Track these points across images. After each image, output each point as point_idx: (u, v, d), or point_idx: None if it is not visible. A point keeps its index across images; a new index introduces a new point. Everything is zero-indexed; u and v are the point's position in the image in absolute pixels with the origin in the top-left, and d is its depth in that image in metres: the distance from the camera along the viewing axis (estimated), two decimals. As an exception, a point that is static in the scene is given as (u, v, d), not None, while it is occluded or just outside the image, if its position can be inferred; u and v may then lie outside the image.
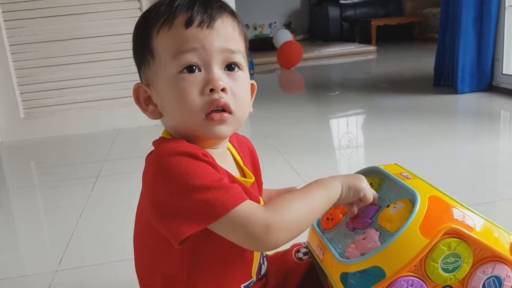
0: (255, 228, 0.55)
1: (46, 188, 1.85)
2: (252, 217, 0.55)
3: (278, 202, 0.59)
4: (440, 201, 0.63)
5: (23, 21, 2.44)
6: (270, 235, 0.56)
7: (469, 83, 2.66)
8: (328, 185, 0.64)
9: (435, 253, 0.59)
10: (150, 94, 0.64)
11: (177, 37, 0.60)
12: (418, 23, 6.31)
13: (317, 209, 0.62)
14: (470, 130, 2.13)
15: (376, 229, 0.65)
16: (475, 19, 2.59)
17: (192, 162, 0.56)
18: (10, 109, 2.50)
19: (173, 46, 0.60)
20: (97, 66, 2.52)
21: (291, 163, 1.75)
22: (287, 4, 7.72)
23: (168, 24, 0.60)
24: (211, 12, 0.61)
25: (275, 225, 0.56)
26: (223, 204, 0.55)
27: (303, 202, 0.61)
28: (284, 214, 0.58)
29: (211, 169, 0.58)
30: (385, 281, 0.59)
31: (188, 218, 0.55)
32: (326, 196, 0.63)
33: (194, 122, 0.61)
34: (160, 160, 0.58)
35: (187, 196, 0.55)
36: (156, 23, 0.61)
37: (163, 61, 0.61)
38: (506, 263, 0.63)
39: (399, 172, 0.72)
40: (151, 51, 0.62)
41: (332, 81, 4.15)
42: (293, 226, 0.58)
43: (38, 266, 1.17)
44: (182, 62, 0.59)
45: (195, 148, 0.59)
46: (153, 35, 0.61)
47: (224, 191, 0.55)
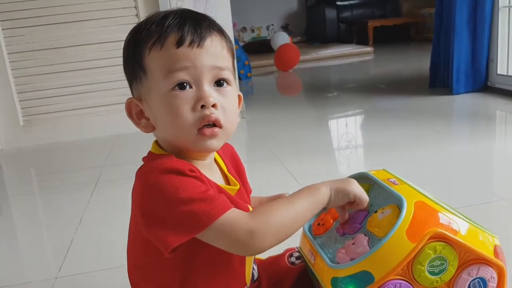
0: (240, 234, 0.58)
1: (45, 194, 1.87)
2: (236, 224, 0.58)
3: (262, 208, 0.62)
4: (426, 206, 0.65)
5: (21, 30, 2.46)
6: (255, 240, 0.58)
7: (464, 83, 2.68)
8: (315, 190, 0.66)
9: (421, 257, 0.61)
10: (142, 109, 0.66)
11: (169, 56, 0.62)
12: (415, 24, 6.33)
13: (303, 213, 0.64)
14: (465, 131, 2.15)
15: (365, 234, 0.67)
16: (469, 20, 2.61)
17: (179, 178, 0.59)
18: (10, 116, 2.52)
19: (165, 64, 0.62)
20: (95, 73, 2.54)
21: (287, 167, 1.77)
22: (284, 6, 7.75)
23: (160, 43, 0.62)
24: (201, 31, 0.63)
25: (259, 230, 0.58)
26: (208, 214, 0.57)
27: (287, 207, 0.63)
28: (267, 219, 0.60)
29: (197, 182, 0.60)
30: (373, 285, 0.61)
31: (175, 228, 0.58)
32: (312, 200, 0.65)
33: (187, 137, 0.63)
34: (148, 178, 0.61)
35: (174, 208, 0.58)
36: (148, 41, 0.63)
37: (156, 78, 0.63)
38: (491, 265, 0.65)
39: (387, 178, 0.74)
40: (143, 68, 0.64)
41: (329, 83, 4.17)
42: (278, 231, 0.60)
43: (38, 273, 1.19)
44: (174, 80, 0.62)
45: (182, 164, 0.61)
46: (145, 53, 0.63)
47: (209, 202, 0.58)
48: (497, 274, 0.65)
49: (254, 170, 1.87)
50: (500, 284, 0.66)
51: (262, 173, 1.80)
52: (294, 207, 0.63)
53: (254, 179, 1.76)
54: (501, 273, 0.66)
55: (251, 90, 3.87)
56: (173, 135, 0.64)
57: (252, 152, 2.10)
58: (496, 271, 0.65)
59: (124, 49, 0.68)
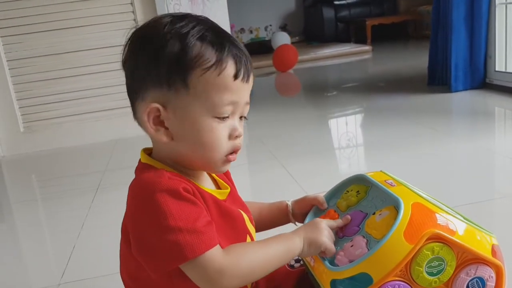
0: (210, 272, 0.59)
1: (47, 200, 1.88)
2: (210, 263, 0.59)
3: (238, 250, 0.63)
4: (423, 207, 0.65)
5: (20, 37, 2.47)
6: (223, 280, 0.60)
7: (463, 81, 2.68)
8: (288, 240, 0.67)
9: (420, 258, 0.62)
10: (165, 117, 0.64)
11: (225, 87, 0.63)
12: (413, 21, 6.33)
13: (274, 261, 0.65)
14: (464, 129, 2.16)
15: (363, 236, 0.67)
16: (466, 17, 2.61)
17: (171, 202, 0.59)
18: (10, 123, 2.53)
19: (219, 94, 0.63)
20: (94, 78, 2.55)
21: (287, 168, 1.78)
22: (282, 6, 7.75)
23: (218, 71, 0.62)
24: (250, 66, 0.66)
25: (229, 271, 0.60)
26: (192, 248, 0.58)
27: (261, 253, 0.64)
28: (239, 262, 0.62)
29: (188, 208, 0.60)
30: (372, 287, 0.61)
31: (159, 259, 0.59)
32: (285, 250, 0.66)
33: (216, 161, 0.66)
34: (142, 196, 0.61)
35: (161, 236, 0.59)
36: (202, 63, 0.62)
37: (202, 100, 0.63)
38: (489, 264, 0.65)
39: (384, 180, 0.74)
40: (187, 84, 0.62)
41: (328, 83, 4.18)
42: (247, 274, 0.63)
43: (41, 279, 1.20)
44: (222, 111, 0.64)
45: (177, 183, 0.61)
46: (195, 73, 0.62)
47: (196, 235, 0.59)
48: (495, 274, 0.66)
49: (254, 172, 1.88)
50: (498, 283, 0.66)
51: (262, 174, 1.81)
52: (267, 254, 0.65)
53: (254, 181, 1.78)
54: (499, 272, 0.66)
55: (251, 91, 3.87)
56: (199, 154, 0.65)
57: (251, 153, 2.11)
58: (494, 270, 0.65)
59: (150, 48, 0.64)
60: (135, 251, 0.62)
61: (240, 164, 1.95)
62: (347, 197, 0.77)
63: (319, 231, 0.69)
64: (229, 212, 0.68)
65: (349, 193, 0.77)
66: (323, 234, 0.69)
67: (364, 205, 0.73)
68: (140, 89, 0.65)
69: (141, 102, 0.65)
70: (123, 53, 0.67)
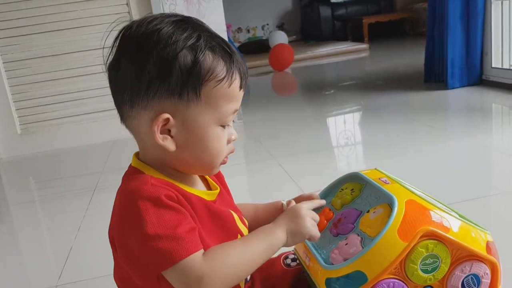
0: (191, 278, 0.59)
1: (44, 202, 1.87)
2: (188, 269, 0.59)
3: (217, 253, 0.62)
4: (417, 204, 0.65)
5: (16, 38, 2.47)
6: (203, 285, 0.59)
7: (459, 78, 2.68)
8: (270, 235, 0.66)
9: (414, 255, 0.62)
10: (172, 127, 0.64)
11: (233, 98, 0.66)
12: (409, 19, 6.34)
13: (257, 258, 0.65)
14: (461, 125, 2.16)
15: (357, 234, 0.67)
16: (462, 14, 2.62)
17: (152, 209, 0.59)
18: (7, 125, 2.52)
19: (228, 103, 0.65)
20: (91, 79, 2.54)
21: (284, 167, 1.78)
22: (279, 5, 7.75)
23: (228, 83, 0.64)
24: (247, 73, 0.69)
25: (208, 277, 0.59)
26: (171, 255, 0.58)
27: (242, 252, 0.63)
28: (219, 265, 0.61)
29: (169, 215, 0.60)
30: (367, 285, 0.61)
31: (141, 267, 0.60)
32: (267, 246, 0.65)
33: (216, 165, 0.69)
34: (124, 203, 0.63)
35: (142, 243, 0.59)
36: (215, 76, 0.63)
37: (212, 109, 0.64)
38: (483, 261, 0.65)
39: (379, 177, 0.74)
40: (199, 94, 0.63)
41: (326, 81, 4.18)
42: (229, 277, 0.62)
43: (39, 281, 1.20)
44: (227, 120, 0.67)
45: (159, 190, 0.61)
46: (209, 85, 0.63)
47: (176, 241, 0.59)
48: (490, 270, 0.66)
49: (251, 171, 1.88)
50: (493, 280, 0.66)
51: (259, 173, 1.81)
52: (249, 253, 0.64)
53: (251, 180, 1.78)
54: (494, 269, 0.66)
55: (247, 90, 3.87)
56: (201, 160, 0.67)
57: (249, 153, 2.11)
58: (489, 267, 0.66)
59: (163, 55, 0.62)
60: (121, 259, 0.63)
61: (237, 163, 1.96)
62: (341, 195, 0.77)
63: (301, 219, 0.68)
64: (218, 213, 0.68)
65: (344, 191, 0.78)
66: (306, 221, 0.68)
67: (359, 203, 0.73)
68: (140, 97, 0.63)
69: (141, 110, 0.63)
70: (109, 56, 0.65)
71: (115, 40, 0.66)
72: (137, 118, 0.65)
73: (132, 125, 0.66)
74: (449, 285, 0.65)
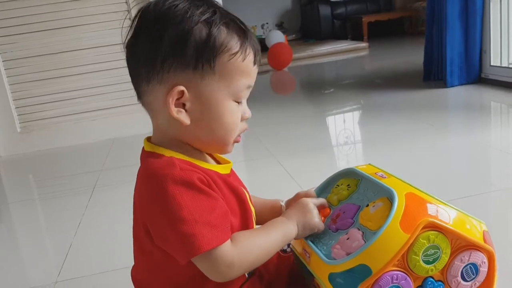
0: (221, 266, 0.62)
1: (44, 200, 1.88)
2: (221, 257, 0.62)
3: (244, 241, 0.65)
4: (416, 197, 0.66)
5: (15, 37, 2.47)
6: (231, 271, 0.63)
7: (458, 76, 2.69)
8: (285, 227, 0.70)
9: (416, 247, 0.62)
10: (187, 100, 0.65)
11: (248, 72, 0.68)
12: (409, 18, 6.34)
13: (274, 248, 0.69)
14: (460, 123, 2.16)
15: (358, 228, 0.67)
16: (460, 12, 2.62)
17: (186, 194, 0.61)
18: (7, 123, 2.53)
19: (242, 78, 0.67)
20: (90, 78, 2.55)
21: (284, 165, 1.78)
22: (279, 4, 7.75)
23: (242, 57, 0.66)
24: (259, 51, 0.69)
25: (237, 263, 0.63)
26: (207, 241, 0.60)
27: (263, 241, 0.68)
28: (247, 253, 0.65)
29: (204, 199, 0.62)
30: (371, 278, 0.62)
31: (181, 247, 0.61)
32: (283, 237, 0.70)
33: (229, 141, 0.69)
34: (157, 188, 0.62)
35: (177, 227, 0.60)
36: (229, 49, 0.65)
37: (226, 83, 0.66)
38: (481, 250, 0.66)
39: (374, 172, 0.75)
40: (213, 67, 0.64)
41: (325, 80, 4.18)
42: (251, 264, 0.67)
43: (38, 277, 1.20)
44: (241, 95, 0.68)
45: (189, 173, 0.62)
46: (223, 58, 0.64)
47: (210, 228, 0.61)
48: (487, 259, 0.67)
49: (251, 169, 1.89)
50: (490, 268, 0.68)
51: (258, 172, 1.81)
52: (269, 242, 0.68)
53: (251, 178, 1.78)
54: (491, 258, 0.67)
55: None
56: (215, 135, 0.68)
57: (248, 151, 2.11)
58: (486, 256, 0.67)
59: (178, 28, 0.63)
60: (159, 242, 0.64)
61: (237, 161, 1.95)
62: (337, 191, 0.78)
63: (310, 213, 0.72)
64: (235, 189, 0.70)
65: (340, 187, 0.78)
66: (314, 216, 0.72)
67: (356, 198, 0.73)
68: (156, 72, 0.64)
69: (157, 84, 0.65)
70: (128, 35, 0.67)
71: (133, 20, 0.67)
72: (153, 94, 0.66)
73: (148, 100, 0.67)
74: (449, 275, 0.66)
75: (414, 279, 0.64)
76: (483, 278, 0.68)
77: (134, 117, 2.36)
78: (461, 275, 0.66)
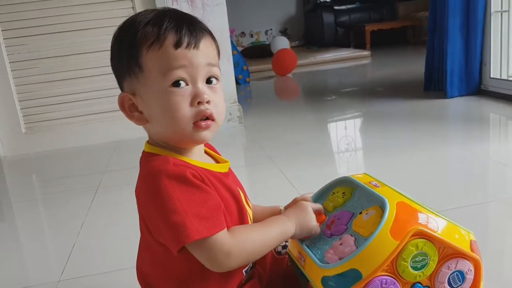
0: (218, 254, 0.65)
1: (47, 200, 1.90)
2: (218, 246, 0.65)
3: (242, 232, 0.69)
4: (407, 206, 0.69)
5: (23, 39, 2.51)
6: (229, 261, 0.66)
7: (458, 87, 2.72)
8: (284, 225, 0.74)
9: (405, 253, 0.65)
10: (135, 103, 0.71)
11: (167, 56, 0.67)
12: (411, 27, 6.38)
13: (271, 243, 0.72)
14: (459, 134, 2.18)
15: (351, 234, 0.71)
16: (461, 24, 2.65)
17: (178, 188, 0.64)
18: (12, 124, 2.56)
19: (164, 63, 0.67)
20: (95, 81, 2.58)
21: (285, 173, 1.80)
22: (283, 11, 7.80)
23: (158, 44, 0.67)
24: (196, 34, 0.69)
25: (235, 253, 0.66)
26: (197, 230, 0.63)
27: (261, 236, 0.71)
28: (245, 244, 0.68)
29: (196, 193, 0.65)
30: (362, 282, 0.65)
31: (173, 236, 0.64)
32: (281, 234, 0.73)
33: (184, 130, 0.69)
34: (151, 185, 0.66)
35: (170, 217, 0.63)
36: (145, 42, 0.67)
37: (153, 76, 0.68)
38: (468, 258, 0.69)
39: (369, 181, 0.78)
40: (140, 66, 0.68)
41: (327, 87, 4.21)
42: (249, 255, 0.70)
43: (41, 276, 1.23)
44: (172, 78, 0.67)
45: (182, 169, 0.66)
46: (142, 52, 0.67)
47: (202, 219, 0.64)
48: (473, 267, 0.70)
49: (252, 175, 1.91)
50: (476, 276, 0.71)
51: (259, 178, 1.84)
52: (267, 236, 0.71)
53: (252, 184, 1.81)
54: (477, 266, 0.70)
55: (249, 95, 3.92)
56: (169, 128, 0.69)
57: (249, 157, 2.14)
58: (472, 264, 0.70)
59: (114, 45, 0.72)
60: (156, 235, 0.68)
61: (237, 166, 1.97)
62: (333, 199, 0.81)
63: (309, 216, 0.76)
64: (228, 187, 0.73)
65: (335, 194, 0.81)
66: (312, 218, 0.76)
67: (350, 206, 0.77)
68: (119, 83, 0.74)
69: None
70: None
71: None
72: None
73: None
74: (437, 281, 0.69)
75: (402, 284, 0.67)
76: (469, 285, 0.70)
77: (137, 120, 2.39)
78: (448, 281, 0.69)
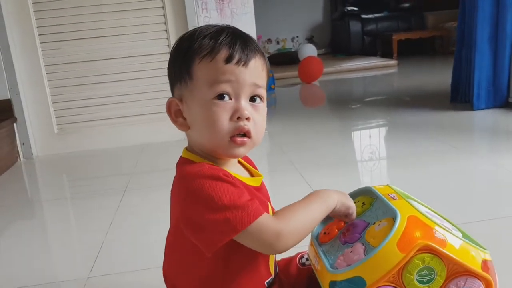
0: (268, 237, 0.68)
1: (77, 199, 1.98)
2: (265, 228, 0.67)
3: (286, 212, 0.71)
4: (418, 220, 0.71)
5: (57, 43, 2.61)
6: (281, 241, 0.68)
7: (485, 99, 2.70)
8: (326, 196, 0.76)
9: (410, 266, 0.68)
10: (181, 108, 0.75)
11: (217, 69, 0.70)
12: (440, 37, 6.32)
13: (317, 217, 0.74)
14: (485, 147, 2.17)
15: (362, 243, 0.74)
16: (490, 36, 2.63)
17: (215, 184, 0.68)
18: (45, 125, 2.66)
19: (212, 75, 0.70)
20: (125, 85, 2.66)
21: (307, 179, 1.83)
22: (309, 18, 7.83)
23: (211, 57, 0.70)
24: (248, 52, 0.72)
25: (285, 232, 0.68)
26: (241, 221, 0.66)
27: (306, 212, 0.73)
28: (291, 222, 0.70)
29: (231, 188, 0.68)
30: None
31: (214, 233, 0.67)
32: (325, 206, 0.75)
33: (220, 142, 0.72)
34: (188, 186, 0.69)
35: (211, 215, 0.67)
36: (199, 52, 0.71)
37: (200, 85, 0.71)
38: (478, 277, 0.70)
39: (388, 193, 0.81)
40: (190, 74, 0.72)
41: (353, 95, 4.22)
42: (299, 232, 0.71)
43: (71, 273, 1.28)
44: (217, 90, 0.70)
45: (216, 170, 0.70)
46: (195, 62, 0.71)
47: (242, 210, 0.67)
48: (485, 287, 0.70)
49: (273, 181, 1.94)
50: (488, 296, 0.71)
51: (281, 184, 1.87)
52: (311, 210, 0.73)
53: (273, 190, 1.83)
54: (489, 286, 0.70)
55: (274, 101, 3.95)
56: (206, 137, 0.73)
57: (272, 163, 2.17)
58: (484, 283, 0.70)
59: (173, 51, 0.76)
60: (191, 234, 0.70)
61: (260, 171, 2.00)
62: None
63: (346, 196, 0.80)
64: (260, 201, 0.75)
65: (356, 204, 0.84)
66: (351, 200, 0.79)
67: (368, 215, 0.80)
68: (171, 88, 0.78)
69: None
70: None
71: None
72: None
73: None
74: None
75: (408, 296, 0.69)
76: (479, 305, 0.71)
77: (164, 124, 2.45)
78: None
